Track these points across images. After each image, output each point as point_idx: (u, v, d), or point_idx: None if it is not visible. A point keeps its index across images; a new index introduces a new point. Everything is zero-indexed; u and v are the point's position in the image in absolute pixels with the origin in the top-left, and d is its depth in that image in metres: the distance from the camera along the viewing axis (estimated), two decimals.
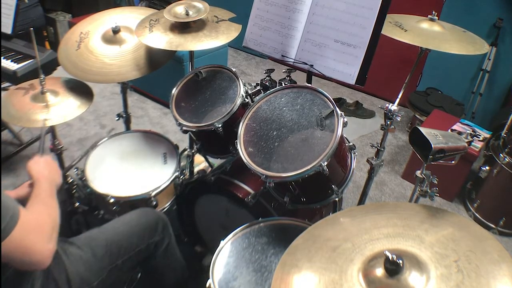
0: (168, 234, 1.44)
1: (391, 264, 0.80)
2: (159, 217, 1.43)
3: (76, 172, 1.68)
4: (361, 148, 2.97)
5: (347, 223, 1.02)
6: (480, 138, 2.45)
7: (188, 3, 1.62)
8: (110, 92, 3.38)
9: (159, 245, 1.41)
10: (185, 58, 2.80)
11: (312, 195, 1.40)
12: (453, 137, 1.23)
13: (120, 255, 1.30)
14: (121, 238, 1.32)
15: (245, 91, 1.54)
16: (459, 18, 2.24)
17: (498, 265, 0.79)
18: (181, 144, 1.90)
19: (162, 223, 1.42)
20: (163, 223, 1.43)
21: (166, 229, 1.43)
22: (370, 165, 1.62)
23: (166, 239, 1.43)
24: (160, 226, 1.41)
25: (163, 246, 1.42)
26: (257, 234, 1.32)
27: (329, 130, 1.25)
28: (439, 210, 0.98)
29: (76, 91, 1.60)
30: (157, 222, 1.41)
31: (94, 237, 1.31)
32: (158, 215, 1.44)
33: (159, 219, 1.42)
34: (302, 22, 1.53)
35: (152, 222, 1.40)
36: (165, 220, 1.44)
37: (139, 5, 4.05)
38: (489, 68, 2.96)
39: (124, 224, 1.37)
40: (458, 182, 2.51)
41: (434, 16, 1.60)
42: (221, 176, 1.62)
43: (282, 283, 0.90)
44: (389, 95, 3.37)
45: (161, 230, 1.41)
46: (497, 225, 2.35)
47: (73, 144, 2.75)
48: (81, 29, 1.77)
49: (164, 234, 1.42)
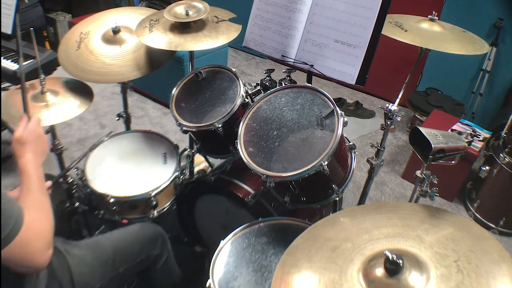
0: (166, 249, 1.50)
1: (391, 264, 0.80)
2: (159, 232, 1.49)
3: (76, 172, 1.68)
4: (361, 148, 2.97)
5: (347, 223, 1.02)
6: (480, 138, 2.45)
7: (188, 3, 1.62)
8: (110, 92, 3.38)
9: (158, 259, 1.46)
10: (185, 58, 2.79)
11: (312, 195, 1.40)
12: (453, 137, 1.23)
13: (122, 263, 1.33)
14: (124, 246, 1.36)
15: (245, 91, 1.54)
16: (459, 18, 2.24)
17: (498, 265, 0.79)
18: (181, 144, 1.90)
19: (161, 238, 1.48)
20: (162, 238, 1.48)
21: (164, 245, 1.49)
22: (370, 165, 1.62)
23: (165, 254, 1.49)
24: (160, 240, 1.47)
25: (162, 260, 1.47)
26: (257, 234, 1.32)
27: (329, 129, 1.25)
28: (439, 210, 0.98)
29: (76, 91, 1.60)
30: (157, 237, 1.46)
31: (98, 242, 1.34)
32: (158, 230, 1.49)
33: (159, 234, 1.48)
34: (302, 22, 1.53)
35: (152, 236, 1.45)
36: (164, 235, 1.50)
37: (139, 5, 4.04)
38: (489, 68, 2.96)
39: (127, 235, 1.41)
40: (458, 182, 2.51)
41: (434, 16, 1.60)
42: (221, 176, 1.62)
43: (282, 283, 0.90)
44: (389, 95, 3.36)
45: (160, 245, 1.46)
46: (497, 225, 2.35)
47: (73, 144, 2.75)
48: (81, 29, 1.77)
49: (163, 249, 1.47)
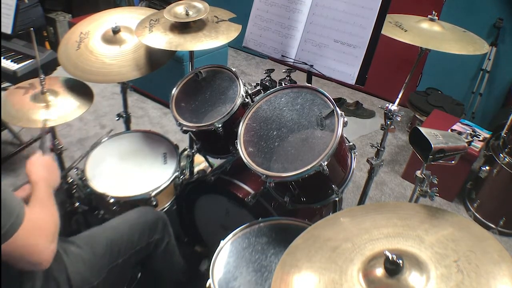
0: (168, 233, 1.45)
1: (391, 264, 0.80)
2: (159, 216, 1.44)
3: (76, 172, 1.68)
4: (361, 148, 2.97)
5: (347, 223, 1.02)
6: (480, 138, 2.45)
7: (188, 3, 1.62)
8: (110, 92, 3.38)
9: (159, 244, 1.41)
10: (185, 58, 2.79)
11: (312, 195, 1.40)
12: (453, 137, 1.23)
13: (120, 254, 1.29)
14: (121, 236, 1.31)
15: (245, 91, 1.54)
16: (459, 18, 2.24)
17: (498, 265, 0.79)
18: (181, 144, 1.90)
19: (162, 222, 1.43)
20: (163, 222, 1.44)
21: (166, 228, 1.44)
22: (370, 165, 1.62)
23: (166, 238, 1.44)
24: (160, 225, 1.42)
25: (163, 245, 1.43)
26: (257, 234, 1.32)
27: (329, 129, 1.25)
28: (439, 210, 0.98)
29: (76, 91, 1.60)
30: (157, 221, 1.41)
31: (94, 236, 1.30)
32: (158, 214, 1.45)
33: (159, 218, 1.43)
34: (302, 22, 1.53)
35: (152, 221, 1.40)
36: (164, 219, 1.45)
37: (139, 5, 4.05)
38: (489, 68, 2.96)
39: (124, 223, 1.37)
40: (458, 182, 2.50)
41: (434, 16, 1.60)
42: (221, 176, 1.62)
43: (282, 283, 0.90)
44: (389, 95, 3.37)
45: (161, 229, 1.41)
46: (497, 225, 2.35)
47: (73, 144, 2.75)
48: (81, 29, 1.77)
49: (164, 233, 1.43)
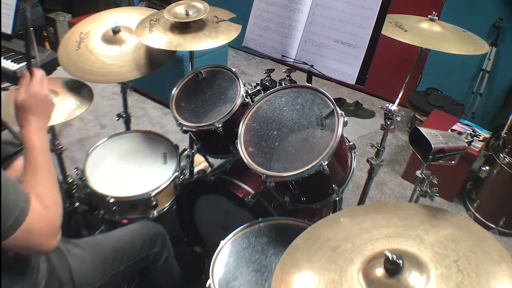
0: (167, 248, 1.51)
1: (391, 264, 0.80)
2: (159, 231, 1.50)
3: (76, 172, 1.68)
4: (361, 148, 2.97)
5: (347, 223, 1.02)
6: (480, 138, 2.45)
7: (188, 3, 1.62)
8: (110, 92, 3.38)
9: (158, 257, 1.47)
10: (185, 58, 2.79)
11: (312, 195, 1.40)
12: (453, 137, 1.23)
13: (123, 261, 1.34)
14: (124, 245, 1.36)
15: (245, 91, 1.54)
16: (459, 18, 2.25)
17: (498, 265, 0.78)
18: (181, 144, 1.90)
19: (161, 236, 1.49)
20: (163, 237, 1.50)
21: (165, 243, 1.50)
22: (370, 165, 1.62)
23: (165, 252, 1.50)
24: (160, 239, 1.48)
25: (162, 258, 1.49)
26: (257, 234, 1.32)
27: (330, 129, 1.25)
28: (439, 210, 0.98)
29: (76, 91, 1.60)
30: (157, 235, 1.47)
31: (98, 242, 1.35)
32: (158, 229, 1.50)
33: (159, 233, 1.49)
34: (302, 22, 1.53)
35: (152, 234, 1.46)
36: (164, 234, 1.51)
37: (139, 5, 4.05)
38: (489, 68, 2.96)
39: (127, 234, 1.42)
40: (458, 182, 2.51)
41: (434, 16, 1.60)
42: (221, 176, 1.62)
43: (282, 283, 0.90)
44: (389, 95, 3.36)
45: (160, 243, 1.47)
46: (497, 225, 2.35)
47: (73, 144, 2.75)
48: (81, 29, 1.77)
49: (163, 247, 1.49)
